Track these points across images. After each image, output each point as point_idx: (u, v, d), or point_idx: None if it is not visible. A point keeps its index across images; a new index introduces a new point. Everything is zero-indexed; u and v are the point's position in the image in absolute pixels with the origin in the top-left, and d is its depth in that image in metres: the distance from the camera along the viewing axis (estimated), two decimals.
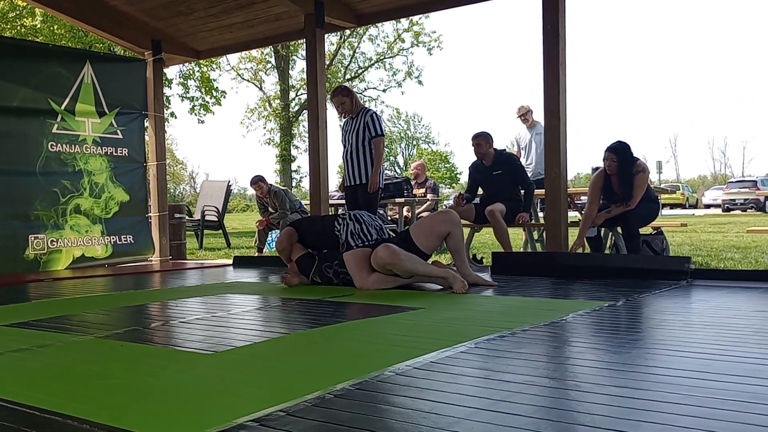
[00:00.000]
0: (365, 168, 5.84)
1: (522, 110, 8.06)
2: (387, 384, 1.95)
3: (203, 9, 7.27)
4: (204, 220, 12.16)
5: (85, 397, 1.90)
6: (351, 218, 4.50)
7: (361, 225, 4.46)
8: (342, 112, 5.93)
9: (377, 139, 5.83)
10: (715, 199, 33.13)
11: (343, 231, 4.45)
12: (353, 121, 5.91)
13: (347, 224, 4.46)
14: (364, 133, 5.81)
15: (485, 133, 6.35)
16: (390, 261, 4.20)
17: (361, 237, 4.43)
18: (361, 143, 5.82)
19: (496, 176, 6.27)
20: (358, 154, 5.83)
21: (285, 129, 29.87)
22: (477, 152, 6.32)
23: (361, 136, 5.82)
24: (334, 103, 5.97)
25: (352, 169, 5.92)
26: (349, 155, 5.92)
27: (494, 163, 6.31)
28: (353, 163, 5.89)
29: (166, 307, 3.93)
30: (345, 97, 5.88)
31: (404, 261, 4.20)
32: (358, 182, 5.90)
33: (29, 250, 6.71)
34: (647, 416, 1.60)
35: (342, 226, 4.47)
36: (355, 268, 4.40)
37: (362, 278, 4.37)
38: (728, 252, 7.59)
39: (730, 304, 3.48)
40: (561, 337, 2.67)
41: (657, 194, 6.06)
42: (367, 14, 7.23)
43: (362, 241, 4.42)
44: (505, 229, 6.11)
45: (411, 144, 60.68)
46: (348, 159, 5.93)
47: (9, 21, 15.56)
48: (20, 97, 6.70)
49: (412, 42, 30.28)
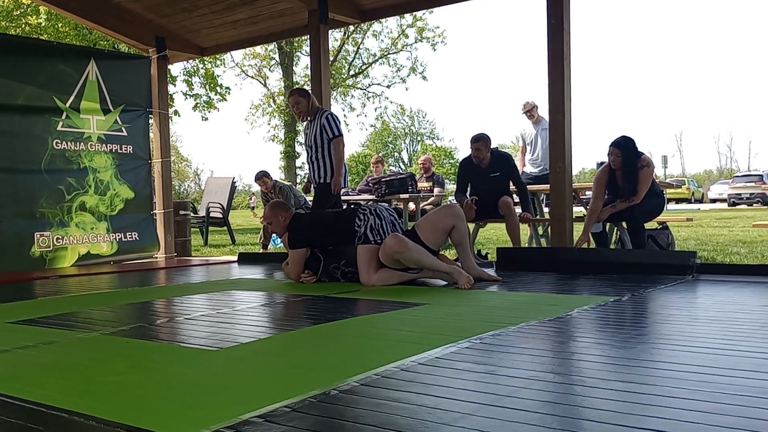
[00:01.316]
0: (327, 169, 5.80)
1: (527, 106, 8.04)
2: (392, 380, 1.95)
3: (207, 6, 7.28)
4: (209, 217, 12.18)
5: (91, 394, 1.91)
6: (372, 212, 4.51)
7: (381, 221, 4.47)
8: (298, 112, 5.82)
9: (336, 140, 5.78)
10: (720, 193, 33.01)
11: (364, 225, 4.46)
12: (312, 123, 5.85)
13: (368, 219, 4.47)
14: (322, 135, 5.77)
15: (485, 136, 6.26)
16: (398, 249, 4.26)
17: (380, 233, 4.44)
18: (320, 145, 5.78)
19: (494, 178, 6.24)
20: (318, 156, 5.78)
21: (289, 125, 29.86)
22: (476, 156, 6.24)
23: (319, 139, 5.79)
24: (289, 102, 5.89)
25: (313, 170, 5.88)
26: (310, 158, 5.88)
27: (491, 164, 6.26)
28: (314, 164, 5.84)
29: (171, 303, 3.94)
30: (301, 98, 5.79)
31: (412, 250, 4.26)
32: (317, 183, 5.87)
33: (35, 248, 6.73)
34: (653, 411, 1.60)
35: (363, 221, 4.47)
36: (364, 263, 4.43)
37: (368, 274, 4.41)
38: (734, 246, 7.57)
39: (736, 298, 3.47)
40: (566, 333, 2.67)
41: (662, 189, 6.05)
42: (371, 10, 7.22)
43: (380, 237, 4.44)
44: (518, 223, 6.10)
45: (415, 140, 60.63)
46: (310, 161, 5.89)
47: (14, 19, 15.59)
48: (25, 95, 6.71)
49: (416, 38, 30.21)
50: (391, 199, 8.55)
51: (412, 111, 59.93)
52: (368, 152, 51.57)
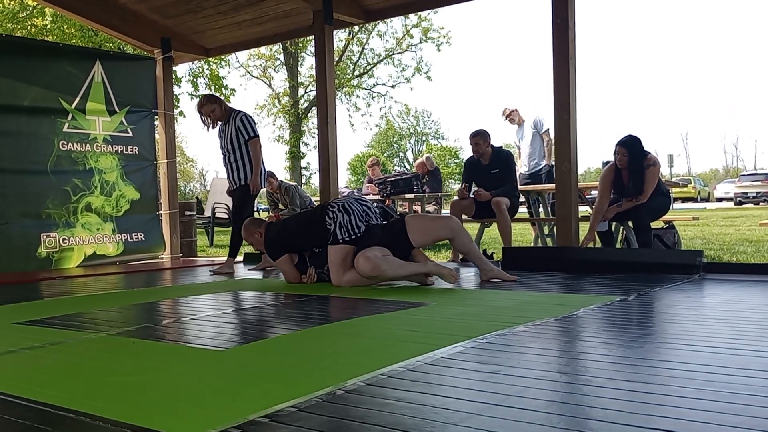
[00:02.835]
0: (245, 170, 5.77)
1: (506, 112, 8.21)
2: (398, 380, 1.95)
3: (212, 6, 7.28)
4: (214, 218, 12.20)
5: (97, 394, 1.91)
6: (340, 209, 4.37)
7: (350, 216, 4.34)
8: (213, 119, 5.80)
9: (252, 141, 5.77)
10: (727, 192, 32.94)
11: (333, 223, 4.34)
12: (226, 126, 5.82)
13: (336, 216, 4.35)
14: (238, 137, 5.74)
15: (483, 131, 6.33)
16: (372, 274, 4.17)
17: (348, 230, 4.32)
18: (237, 147, 5.75)
19: (494, 174, 6.27)
20: (236, 158, 5.76)
21: (294, 126, 29.87)
22: (475, 151, 6.32)
23: (236, 141, 5.75)
24: (204, 112, 5.79)
25: (231, 173, 5.83)
26: (227, 160, 5.84)
27: (492, 161, 6.30)
28: (232, 166, 5.80)
29: (177, 304, 3.95)
30: (215, 105, 5.78)
31: (386, 272, 4.17)
32: (237, 185, 5.83)
33: (41, 249, 6.75)
34: (660, 411, 1.59)
35: (333, 218, 4.35)
36: (335, 265, 4.36)
37: (338, 276, 4.35)
38: (741, 245, 7.54)
39: (742, 298, 3.46)
40: (572, 332, 2.66)
41: (668, 188, 6.02)
42: (376, 10, 7.22)
43: (349, 235, 4.32)
44: (509, 222, 6.14)
45: (420, 140, 60.61)
46: (228, 163, 5.85)
47: (20, 21, 15.64)
48: (31, 97, 6.73)
49: (420, 38, 30.16)
50: (395, 199, 8.56)
51: (417, 111, 59.90)
52: (372, 152, 51.59)
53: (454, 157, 52.56)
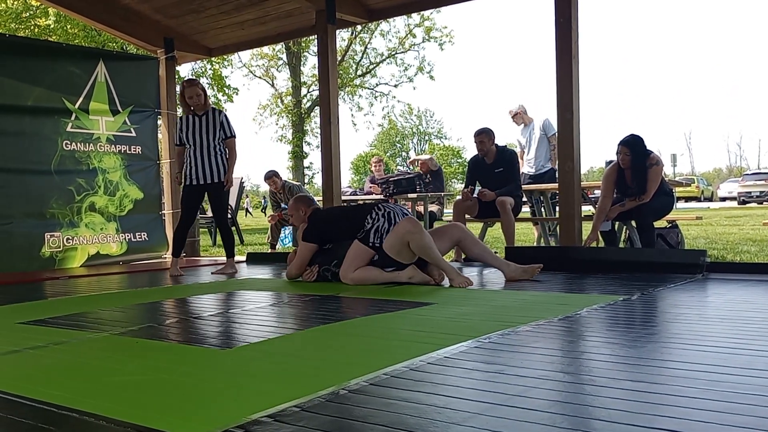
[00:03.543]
0: (219, 168, 5.73)
1: (512, 113, 8.15)
2: (401, 379, 1.95)
3: (215, 6, 7.29)
4: None
5: (101, 394, 1.91)
6: (384, 215, 4.43)
7: (389, 226, 4.40)
8: (196, 104, 5.72)
9: (231, 141, 5.79)
10: (730, 191, 32.83)
11: (372, 224, 4.41)
12: (201, 119, 5.74)
13: (379, 219, 4.43)
14: (218, 133, 5.71)
15: (488, 129, 6.31)
16: (412, 230, 4.26)
17: (381, 237, 4.40)
18: (213, 142, 5.71)
19: (498, 174, 6.25)
20: (210, 153, 5.70)
21: (297, 125, 29.90)
22: (480, 149, 6.30)
23: (213, 136, 5.71)
24: (187, 93, 5.72)
25: (203, 168, 5.72)
26: (199, 153, 5.72)
27: (496, 160, 6.28)
28: (205, 161, 5.71)
29: (180, 303, 3.95)
30: (201, 91, 5.77)
31: (425, 235, 4.29)
32: (210, 181, 5.74)
33: (45, 248, 6.77)
34: (663, 411, 1.59)
35: (374, 219, 4.43)
36: (350, 258, 4.44)
37: (348, 271, 4.44)
38: (744, 245, 7.52)
39: (746, 297, 3.45)
40: (576, 332, 2.66)
41: (671, 187, 6.01)
42: (378, 9, 7.22)
43: (380, 242, 4.40)
44: (512, 222, 6.11)
45: (423, 139, 60.60)
46: (197, 157, 5.73)
47: (23, 21, 15.68)
48: (34, 97, 6.74)
49: (423, 37, 30.19)
50: (398, 199, 8.56)
51: (420, 110, 59.92)
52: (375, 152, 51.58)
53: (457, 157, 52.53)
